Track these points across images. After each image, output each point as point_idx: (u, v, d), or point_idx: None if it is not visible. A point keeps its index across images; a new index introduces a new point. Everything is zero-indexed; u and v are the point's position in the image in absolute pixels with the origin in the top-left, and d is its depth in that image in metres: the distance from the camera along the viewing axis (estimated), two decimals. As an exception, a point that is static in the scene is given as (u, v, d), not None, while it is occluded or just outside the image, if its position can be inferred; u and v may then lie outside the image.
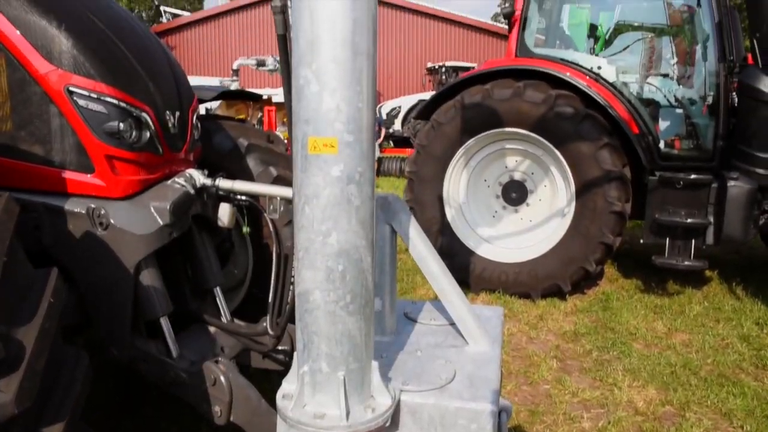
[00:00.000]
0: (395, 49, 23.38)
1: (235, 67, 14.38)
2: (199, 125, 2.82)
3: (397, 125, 17.95)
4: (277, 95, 13.89)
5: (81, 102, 2.29)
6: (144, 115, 2.38)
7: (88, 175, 2.36)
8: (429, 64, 22.30)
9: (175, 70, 2.73)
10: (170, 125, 2.50)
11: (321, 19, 1.45)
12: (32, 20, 2.30)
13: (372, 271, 1.58)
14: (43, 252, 2.36)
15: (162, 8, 35.21)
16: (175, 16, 29.04)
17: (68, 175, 2.36)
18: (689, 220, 4.95)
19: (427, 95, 18.58)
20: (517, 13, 5.42)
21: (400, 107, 18.27)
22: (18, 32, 2.29)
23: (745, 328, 4.57)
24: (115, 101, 2.32)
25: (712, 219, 4.95)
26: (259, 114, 10.96)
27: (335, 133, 1.44)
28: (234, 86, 18.03)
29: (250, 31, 24.47)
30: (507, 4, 5.58)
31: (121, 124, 2.31)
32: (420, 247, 2.03)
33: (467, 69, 19.15)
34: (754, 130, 4.88)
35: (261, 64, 13.81)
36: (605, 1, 6.01)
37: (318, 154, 1.46)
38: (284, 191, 2.57)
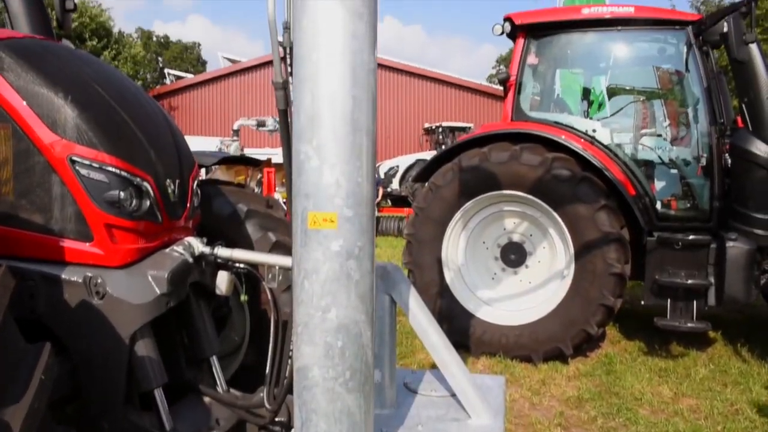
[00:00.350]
0: (393, 109, 23.90)
1: (235, 127, 14.65)
2: (198, 192, 2.84)
3: (395, 184, 18.13)
4: (277, 155, 14.07)
5: (83, 171, 2.31)
6: (145, 184, 2.40)
7: (87, 244, 2.35)
8: (426, 125, 22.74)
9: (176, 138, 2.77)
10: (170, 193, 2.52)
11: (321, 96, 1.48)
12: (39, 91, 2.35)
13: (372, 346, 1.55)
14: (37, 321, 2.32)
15: (166, 70, 36.21)
16: (178, 78, 29.85)
17: (67, 243, 2.35)
18: (690, 281, 4.92)
19: (424, 155, 18.89)
20: (513, 78, 5.56)
21: (397, 166, 18.50)
22: (25, 103, 2.33)
23: (754, 392, 4.47)
24: (116, 170, 2.34)
25: (712, 280, 4.93)
26: (259, 175, 11.07)
27: (335, 208, 1.45)
28: (234, 146, 18.31)
29: (250, 92, 25.07)
30: (502, 70, 5.74)
31: (122, 193, 2.32)
32: (420, 318, 2.00)
33: (463, 129, 19.54)
34: (749, 191, 4.93)
35: (261, 124, 14.07)
36: (597, 66, 6.18)
37: (318, 229, 1.46)
38: (283, 260, 2.55)
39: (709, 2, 33.33)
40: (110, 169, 2.33)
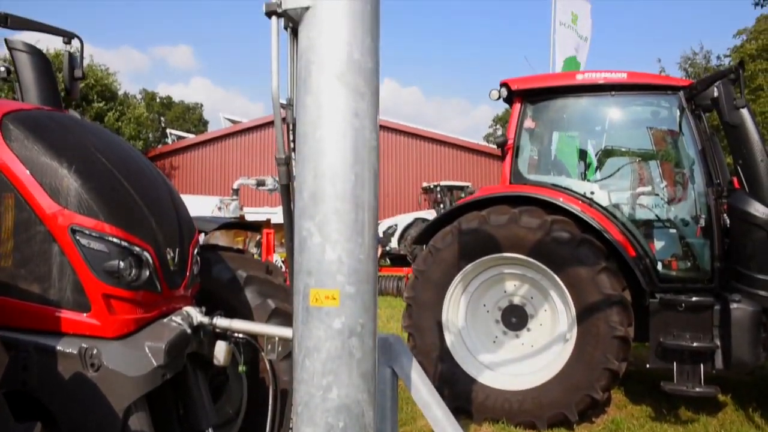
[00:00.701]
0: (391, 169, 24.19)
1: (235, 186, 14.76)
2: (198, 259, 2.83)
3: (393, 243, 18.12)
4: (276, 215, 14.12)
5: (83, 241, 2.31)
6: (145, 253, 2.40)
7: (84, 314, 2.33)
8: (424, 184, 22.95)
9: (177, 206, 2.78)
10: (170, 262, 2.51)
11: (324, 173, 1.49)
12: (44, 162, 2.38)
13: (374, 425, 1.51)
14: (29, 393, 2.27)
15: (168, 130, 36.87)
16: (180, 138, 30.35)
17: (63, 314, 2.32)
18: (695, 344, 4.85)
19: (422, 213, 18.97)
20: (510, 142, 5.65)
21: (396, 225, 18.55)
22: (29, 173, 2.36)
23: (767, 461, 4.32)
24: (117, 240, 2.34)
25: (719, 342, 4.85)
26: (258, 236, 11.07)
27: (337, 285, 1.44)
28: (234, 205, 18.36)
29: (250, 152, 25.41)
30: (500, 135, 5.85)
31: (122, 263, 2.31)
32: (423, 392, 1.96)
33: (461, 188, 19.71)
34: (750, 252, 4.92)
35: (261, 183, 14.18)
36: (593, 129, 6.29)
37: (320, 307, 1.44)
38: (282, 331, 2.51)
39: (696, 64, 34.44)
40: (110, 238, 2.33)
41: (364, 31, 1.48)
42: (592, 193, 5.43)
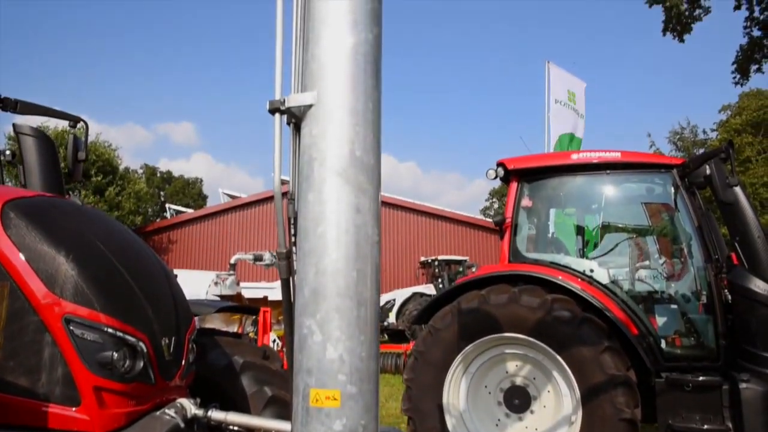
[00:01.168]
0: (389, 244, 24.21)
1: (232, 261, 14.64)
2: (194, 347, 2.76)
3: (391, 318, 17.87)
4: (273, 290, 13.97)
5: (77, 331, 2.26)
6: (140, 343, 2.34)
7: (73, 409, 2.24)
8: (422, 258, 22.92)
9: (174, 293, 2.75)
10: (165, 351, 2.45)
11: (325, 269, 1.47)
12: (41, 250, 2.36)
13: None
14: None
15: (167, 205, 37.13)
16: (178, 212, 30.52)
17: (52, 408, 2.24)
18: (706, 427, 4.68)
19: (420, 288, 18.81)
20: (508, 220, 5.67)
21: (394, 300, 18.36)
22: (25, 260, 2.33)
23: None
24: (111, 330, 2.29)
25: (730, 424, 4.68)
26: (254, 316, 10.92)
27: (338, 385, 1.40)
28: (230, 280, 18.15)
29: (249, 227, 25.50)
30: (497, 207, 5.89)
31: (115, 354, 2.25)
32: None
33: (459, 262, 19.66)
34: (755, 329, 4.84)
35: (258, 259, 14.07)
36: (589, 207, 6.34)
37: (320, 407, 1.39)
38: (280, 425, 2.42)
39: (684, 138, 35.37)
40: (105, 328, 2.28)
41: (366, 129, 1.51)
42: (592, 270, 5.41)
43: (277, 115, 1.63)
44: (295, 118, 1.63)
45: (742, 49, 13.67)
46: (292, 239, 1.61)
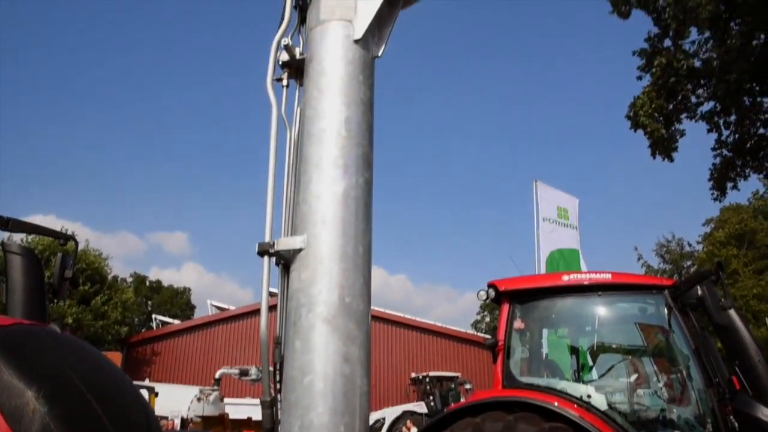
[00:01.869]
0: (379, 359, 23.54)
1: (217, 376, 14.18)
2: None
3: (381, 438, 17.01)
4: (257, 406, 13.38)
5: (40, 476, 2.08)
6: (108, 491, 2.15)
7: None
8: (413, 375, 22.23)
9: (151, 427, 2.58)
10: (136, 496, 2.24)
11: (311, 425, 1.39)
12: (11, 384, 2.23)
13: None
14: None
15: (153, 315, 36.39)
16: (164, 323, 29.85)
17: None
18: None
19: (411, 406, 18.07)
20: (501, 343, 5.55)
21: (384, 419, 17.57)
22: (-8, 396, 2.19)
23: None
24: (77, 476, 2.11)
25: None
26: (236, 434, 10.39)
27: None
28: (214, 396, 17.44)
29: (235, 340, 24.88)
30: (489, 339, 5.77)
31: (80, 504, 2.05)
32: None
33: (451, 379, 19.07)
34: (766, 462, 4.61)
35: (244, 373, 13.64)
36: (582, 329, 6.24)
37: None
38: None
39: (671, 250, 35.82)
40: (70, 475, 2.10)
41: (356, 274, 1.48)
42: (589, 396, 5.21)
43: (266, 257, 1.60)
44: (285, 260, 1.61)
45: (715, 168, 14.23)
46: (278, 386, 1.53)
